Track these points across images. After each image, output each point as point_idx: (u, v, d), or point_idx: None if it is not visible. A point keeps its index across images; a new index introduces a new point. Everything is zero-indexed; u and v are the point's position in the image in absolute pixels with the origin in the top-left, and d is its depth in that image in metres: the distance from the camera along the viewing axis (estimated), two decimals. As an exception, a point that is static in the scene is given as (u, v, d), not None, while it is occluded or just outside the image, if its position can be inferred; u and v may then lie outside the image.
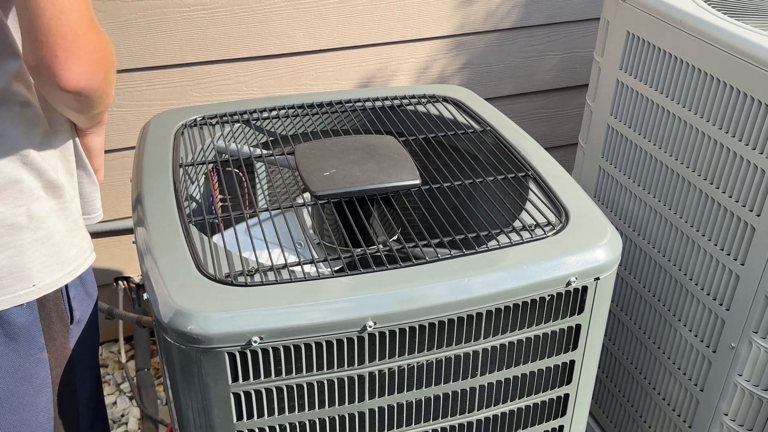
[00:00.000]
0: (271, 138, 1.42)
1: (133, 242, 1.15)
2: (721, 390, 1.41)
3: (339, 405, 1.04)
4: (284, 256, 1.05)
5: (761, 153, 1.24)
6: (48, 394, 1.12)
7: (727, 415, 1.41)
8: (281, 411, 1.01)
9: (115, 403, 2.13)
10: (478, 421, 1.14)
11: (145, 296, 1.04)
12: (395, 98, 1.47)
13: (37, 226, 1.02)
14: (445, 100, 1.49)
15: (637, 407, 1.67)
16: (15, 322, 1.04)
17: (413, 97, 1.48)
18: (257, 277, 1.00)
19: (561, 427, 1.22)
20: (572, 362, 1.15)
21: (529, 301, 1.05)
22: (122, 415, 2.10)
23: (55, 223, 1.04)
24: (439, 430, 1.12)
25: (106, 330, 2.28)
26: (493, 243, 1.08)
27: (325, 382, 1.01)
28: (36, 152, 1.01)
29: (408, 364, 1.04)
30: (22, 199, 1.00)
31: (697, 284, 1.43)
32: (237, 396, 0.98)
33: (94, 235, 2.08)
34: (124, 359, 2.14)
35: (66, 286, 1.10)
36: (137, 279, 2.18)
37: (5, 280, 1.01)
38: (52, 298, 1.08)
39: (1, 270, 1.00)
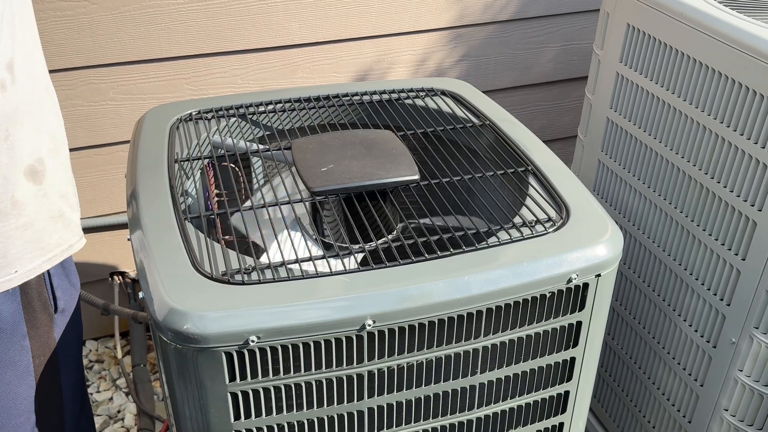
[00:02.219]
0: (267, 132, 1.41)
1: (128, 239, 1.14)
2: (721, 385, 1.40)
3: (338, 404, 1.03)
4: (281, 253, 1.03)
5: (763, 147, 1.23)
6: (30, 383, 1.13)
7: (727, 410, 1.41)
8: (279, 410, 1.00)
9: (111, 399, 2.12)
10: (478, 419, 1.13)
11: (140, 294, 1.03)
12: (393, 92, 1.46)
13: (19, 213, 1.02)
14: (444, 93, 1.47)
15: (637, 403, 1.67)
16: None
17: (411, 90, 1.47)
18: (254, 275, 0.99)
19: (561, 424, 1.21)
20: (573, 359, 1.14)
21: (530, 299, 1.04)
22: (118, 411, 2.09)
23: (37, 209, 1.04)
24: (439, 428, 1.11)
25: (101, 326, 2.27)
26: (492, 239, 1.07)
27: (324, 381, 1.00)
28: (19, 134, 1.00)
29: (408, 363, 1.03)
30: (7, 186, 0.99)
31: (697, 279, 1.42)
32: (234, 396, 0.97)
33: (90, 230, 2.06)
34: (120, 355, 2.13)
35: (49, 274, 1.10)
36: (132, 274, 2.17)
37: None
38: (34, 286, 1.08)
39: None
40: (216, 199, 1.35)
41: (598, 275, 1.07)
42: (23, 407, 1.13)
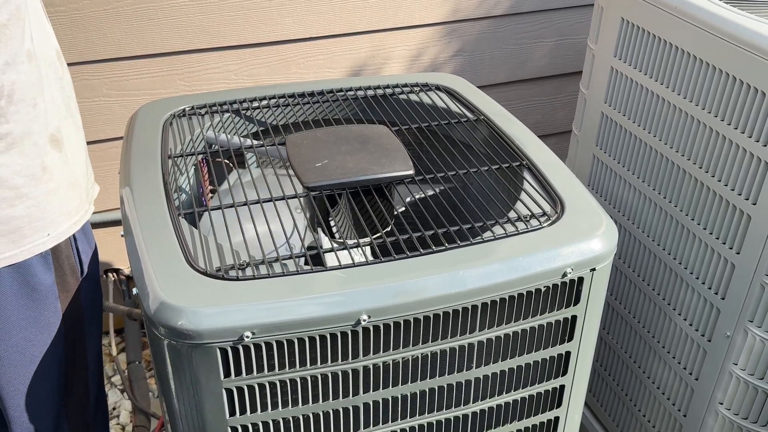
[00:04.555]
0: (261, 128, 1.40)
1: (122, 235, 1.13)
2: (716, 379, 1.40)
3: (333, 399, 1.02)
4: (276, 248, 1.03)
5: (757, 141, 1.23)
6: (61, 346, 1.19)
7: (722, 404, 1.41)
8: (274, 406, 1.00)
9: (106, 396, 2.11)
10: (474, 413, 1.13)
11: (134, 290, 1.02)
12: (387, 87, 1.45)
13: (49, 178, 1.08)
14: (438, 88, 1.47)
15: (632, 397, 1.67)
16: (34, 272, 1.10)
17: (405, 85, 1.46)
18: (249, 271, 0.98)
19: (557, 419, 1.21)
20: (568, 354, 1.14)
21: (525, 293, 1.04)
22: (114, 408, 2.08)
23: (60, 174, 1.11)
24: (435, 423, 1.11)
25: (96, 322, 2.26)
26: (487, 234, 1.07)
27: (319, 377, 0.99)
28: (43, 104, 1.06)
29: (403, 358, 1.03)
30: (38, 152, 1.06)
31: (692, 273, 1.42)
32: (229, 392, 0.97)
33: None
34: (115, 352, 2.12)
35: (75, 239, 1.17)
36: (127, 271, 2.16)
37: (25, 230, 1.06)
38: (63, 250, 1.14)
39: (21, 220, 1.06)
40: (210, 195, 1.35)
41: (593, 269, 1.07)
42: (56, 369, 1.19)
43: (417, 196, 1.24)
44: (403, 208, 1.23)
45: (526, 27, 2.27)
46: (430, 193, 1.23)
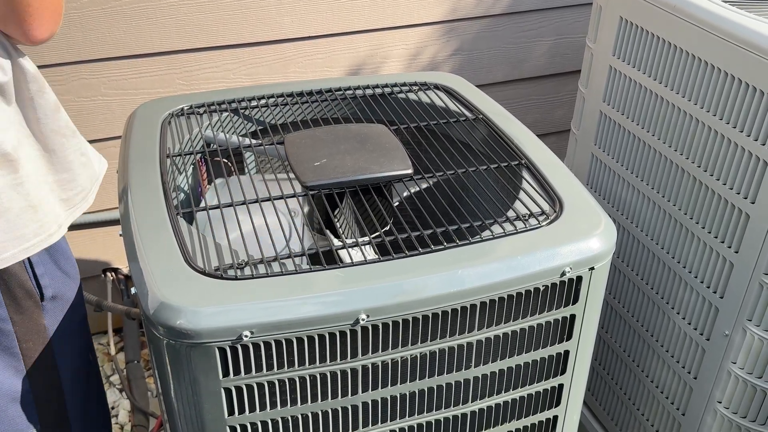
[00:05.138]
0: (260, 127, 1.40)
1: (120, 235, 1.13)
2: (714, 378, 1.40)
3: (332, 398, 1.02)
4: (274, 247, 1.03)
5: (756, 140, 1.23)
6: (18, 368, 1.14)
7: (720, 402, 1.41)
8: (273, 405, 1.00)
9: (105, 395, 2.12)
10: (473, 412, 1.13)
11: (133, 290, 1.02)
12: (386, 86, 1.45)
13: None
14: (437, 87, 1.47)
15: (631, 396, 1.67)
16: None
17: (404, 84, 1.46)
18: (247, 270, 0.98)
19: (555, 418, 1.21)
20: (566, 353, 1.14)
21: (524, 292, 1.04)
22: (112, 408, 2.08)
23: (10, 198, 1.02)
24: (434, 422, 1.11)
25: (94, 322, 2.26)
26: (486, 233, 1.07)
27: (318, 376, 0.99)
28: None
29: (402, 357, 1.03)
30: None
31: (690, 272, 1.42)
32: (228, 391, 0.97)
33: (82, 226, 2.05)
34: (113, 351, 2.12)
35: (30, 263, 1.10)
36: (125, 270, 2.16)
37: None
38: (13, 273, 1.07)
39: None
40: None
41: (592, 268, 1.07)
42: (12, 391, 1.14)
43: (416, 196, 1.24)
44: (402, 208, 1.23)
45: (525, 26, 2.26)
46: (429, 192, 1.23)
